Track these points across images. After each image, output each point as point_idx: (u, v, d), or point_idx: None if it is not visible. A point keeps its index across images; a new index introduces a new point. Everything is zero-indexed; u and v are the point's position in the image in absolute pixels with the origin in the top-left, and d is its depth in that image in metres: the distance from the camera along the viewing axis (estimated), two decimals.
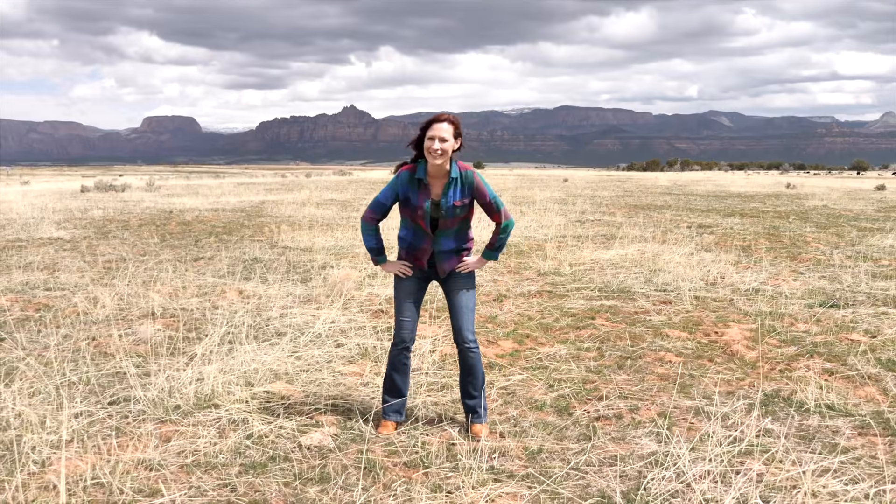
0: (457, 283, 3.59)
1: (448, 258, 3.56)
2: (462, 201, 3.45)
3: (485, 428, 3.67)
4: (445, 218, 3.46)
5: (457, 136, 3.38)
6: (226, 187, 30.09)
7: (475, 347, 3.63)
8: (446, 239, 3.53)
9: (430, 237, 3.52)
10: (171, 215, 15.83)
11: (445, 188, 3.43)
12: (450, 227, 3.50)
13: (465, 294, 3.58)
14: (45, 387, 4.15)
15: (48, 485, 3.03)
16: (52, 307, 6.38)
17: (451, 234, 3.54)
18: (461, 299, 3.58)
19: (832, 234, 12.82)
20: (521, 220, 14.34)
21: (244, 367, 4.44)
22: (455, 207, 3.44)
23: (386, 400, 3.72)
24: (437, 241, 3.53)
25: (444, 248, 3.54)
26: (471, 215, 3.58)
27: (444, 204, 3.43)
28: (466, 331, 3.59)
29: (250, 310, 6.22)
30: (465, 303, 3.58)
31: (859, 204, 20.92)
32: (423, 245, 3.54)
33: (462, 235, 3.58)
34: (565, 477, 3.19)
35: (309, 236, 11.58)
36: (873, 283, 7.73)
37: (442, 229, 3.50)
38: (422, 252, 3.55)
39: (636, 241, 11.17)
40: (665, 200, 22.36)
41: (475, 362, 3.63)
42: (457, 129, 3.37)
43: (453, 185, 3.43)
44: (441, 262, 3.56)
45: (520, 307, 6.60)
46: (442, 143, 3.31)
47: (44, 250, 9.93)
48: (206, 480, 3.11)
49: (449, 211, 3.45)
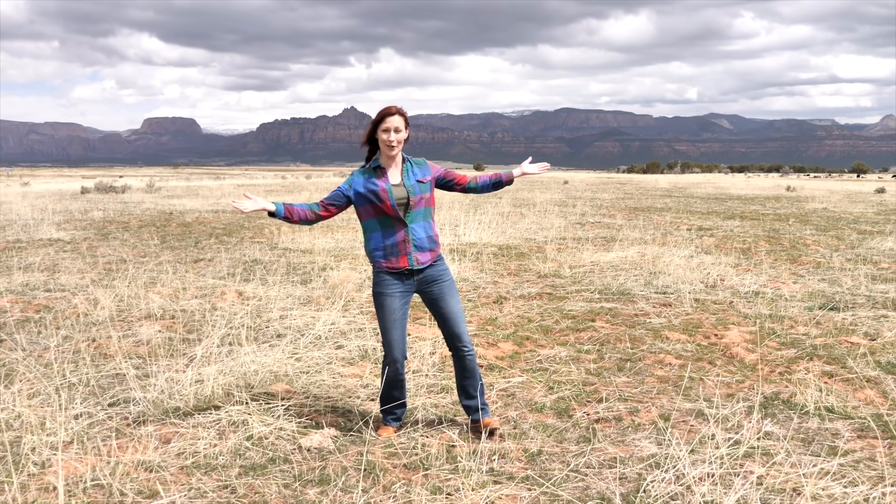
0: (441, 289, 3.56)
1: (423, 248, 3.53)
2: (425, 178, 3.55)
3: (493, 421, 3.66)
4: (416, 195, 3.49)
5: (406, 127, 3.51)
6: (226, 189, 30.11)
7: (472, 351, 3.64)
8: (418, 224, 3.52)
9: (402, 225, 3.49)
10: (172, 217, 15.84)
11: (403, 171, 3.55)
12: (420, 206, 3.51)
13: (453, 299, 3.57)
14: (44, 388, 4.15)
15: (48, 486, 3.03)
16: (53, 308, 6.38)
17: (422, 218, 3.53)
18: (450, 305, 3.56)
19: (832, 236, 12.82)
20: (521, 222, 14.35)
21: (244, 369, 4.44)
22: (420, 183, 3.52)
23: (385, 407, 3.72)
24: (411, 229, 3.50)
25: (418, 236, 3.52)
26: (433, 202, 3.62)
27: (408, 182, 3.51)
28: (463, 334, 3.58)
29: (250, 311, 6.22)
30: (455, 308, 3.57)
31: (859, 207, 20.93)
32: (398, 238, 3.49)
33: (430, 224, 3.58)
34: (565, 479, 3.19)
35: (309, 238, 11.58)
36: (873, 285, 7.73)
37: (413, 211, 3.49)
38: (400, 248, 3.49)
39: (636, 244, 11.17)
40: (665, 203, 22.37)
41: (473, 364, 3.64)
42: (406, 120, 3.50)
43: (408, 167, 3.56)
44: (416, 252, 3.51)
45: (520, 309, 6.61)
46: (397, 134, 3.45)
47: (44, 251, 9.94)
48: (205, 482, 3.11)
49: (416, 187, 3.50)
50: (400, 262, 3.50)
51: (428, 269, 3.56)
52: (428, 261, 3.55)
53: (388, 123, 3.42)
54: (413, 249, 3.51)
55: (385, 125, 3.43)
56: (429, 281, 3.57)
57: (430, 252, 3.55)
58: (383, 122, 3.43)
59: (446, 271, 3.62)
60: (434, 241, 3.58)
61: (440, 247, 3.67)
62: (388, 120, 3.42)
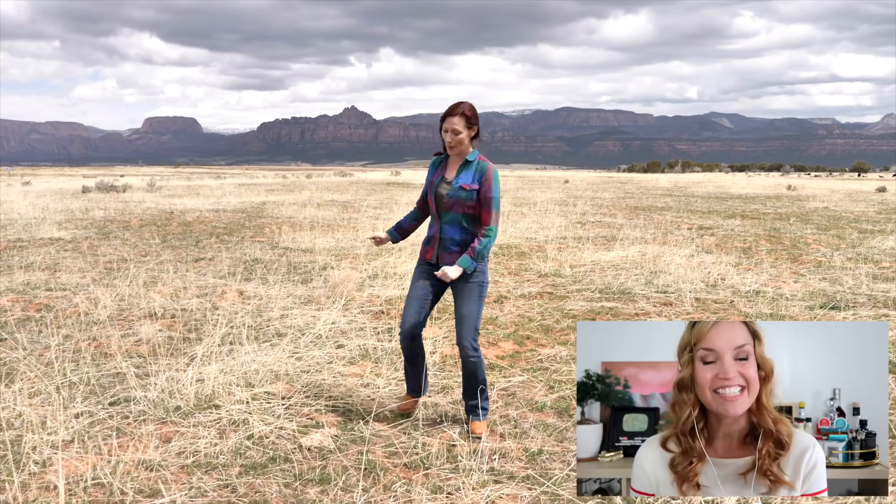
0: (461, 290, 3.59)
1: (449, 250, 3.58)
2: (470, 186, 3.51)
3: (483, 426, 3.69)
4: (450, 198, 3.52)
5: (470, 126, 3.51)
6: (227, 188, 30.12)
7: (474, 356, 3.61)
8: (452, 226, 3.57)
9: (438, 222, 3.61)
10: (172, 216, 15.85)
11: (459, 170, 3.56)
12: (455, 210, 3.53)
13: (465, 304, 3.57)
14: (45, 387, 4.16)
15: (49, 485, 3.03)
16: (53, 307, 6.39)
17: (458, 223, 3.55)
18: (462, 307, 3.59)
19: (833, 235, 12.82)
20: (521, 222, 14.34)
21: (244, 368, 4.45)
22: (462, 189, 3.50)
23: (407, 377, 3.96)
24: (444, 228, 3.59)
25: (449, 236, 3.57)
26: (478, 212, 3.55)
27: (454, 183, 3.53)
28: (464, 338, 3.58)
29: (251, 310, 6.23)
30: (465, 311, 3.57)
31: (860, 206, 20.92)
32: (433, 231, 3.66)
33: (469, 232, 3.57)
34: (566, 478, 3.19)
35: (310, 237, 11.58)
36: (874, 284, 7.73)
37: (446, 211, 3.55)
38: (432, 240, 3.65)
39: (637, 243, 11.17)
40: (666, 202, 22.36)
41: (475, 368, 3.64)
42: (468, 119, 3.49)
43: (466, 168, 3.55)
44: (443, 251, 3.59)
45: (520, 308, 6.61)
46: (455, 136, 3.48)
47: (45, 250, 9.94)
48: (206, 481, 3.11)
49: (455, 191, 3.50)
50: (427, 253, 3.69)
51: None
52: (446, 262, 3.58)
53: (446, 124, 3.50)
54: (441, 248, 3.61)
55: (445, 125, 3.51)
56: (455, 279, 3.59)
57: (458, 255, 3.56)
58: (444, 123, 3.52)
59: (476, 273, 3.56)
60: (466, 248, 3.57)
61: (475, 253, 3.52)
62: (447, 121, 3.50)
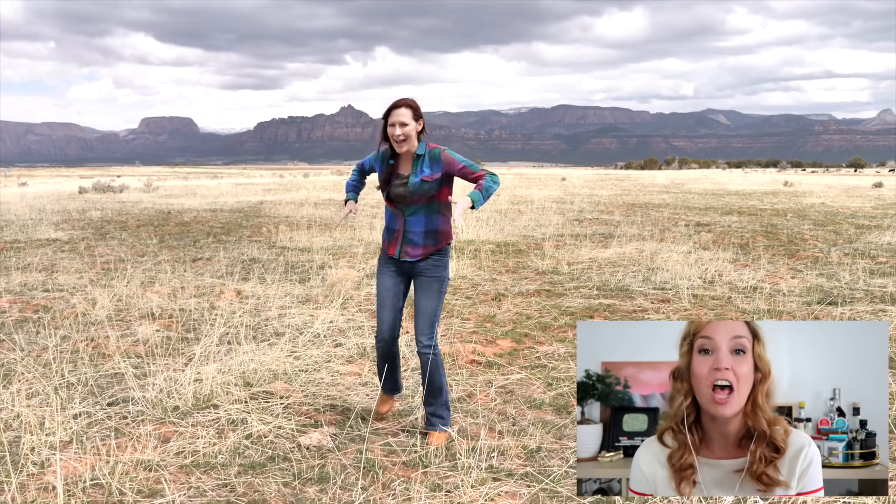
0: (421, 283, 3.53)
1: (414, 242, 3.49)
2: (432, 176, 3.43)
3: (443, 437, 3.54)
4: (413, 193, 3.44)
5: (417, 119, 3.43)
6: (224, 188, 30.08)
7: (427, 351, 3.49)
8: (415, 218, 3.48)
9: (401, 216, 3.50)
10: (170, 216, 15.83)
11: (413, 165, 3.47)
12: (419, 203, 3.45)
13: (426, 296, 3.50)
14: (43, 388, 4.15)
15: (47, 486, 3.03)
16: (51, 308, 6.38)
17: (421, 213, 3.48)
18: (421, 300, 3.52)
19: (830, 231, 12.84)
20: (519, 219, 14.35)
21: (243, 368, 4.45)
22: (424, 182, 3.42)
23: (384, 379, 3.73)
24: (407, 221, 3.49)
25: (412, 229, 3.49)
26: (441, 196, 3.48)
27: (413, 179, 3.44)
28: (420, 332, 3.50)
29: (248, 310, 6.22)
30: (423, 305, 3.50)
31: (857, 201, 20.95)
32: (396, 225, 3.55)
33: (432, 219, 3.49)
34: (564, 475, 3.19)
35: (307, 236, 11.58)
36: (871, 280, 7.75)
37: (409, 205, 3.47)
38: (395, 233, 3.55)
39: (634, 240, 11.18)
40: (663, 199, 22.38)
41: (432, 368, 3.49)
42: (415, 111, 3.42)
43: (421, 162, 3.46)
44: (406, 244, 3.50)
45: (518, 306, 6.61)
46: (403, 128, 3.38)
47: (42, 251, 9.92)
48: (205, 481, 3.11)
49: (417, 186, 3.43)
50: (390, 248, 3.58)
51: (420, 263, 3.52)
52: (419, 255, 3.50)
53: (392, 117, 3.39)
54: (404, 242, 3.51)
55: (391, 119, 3.40)
56: (416, 272, 3.55)
57: (422, 248, 3.49)
58: (389, 116, 3.41)
59: (436, 268, 3.52)
60: (434, 236, 3.50)
61: (445, 242, 3.54)
62: (393, 113, 3.39)
